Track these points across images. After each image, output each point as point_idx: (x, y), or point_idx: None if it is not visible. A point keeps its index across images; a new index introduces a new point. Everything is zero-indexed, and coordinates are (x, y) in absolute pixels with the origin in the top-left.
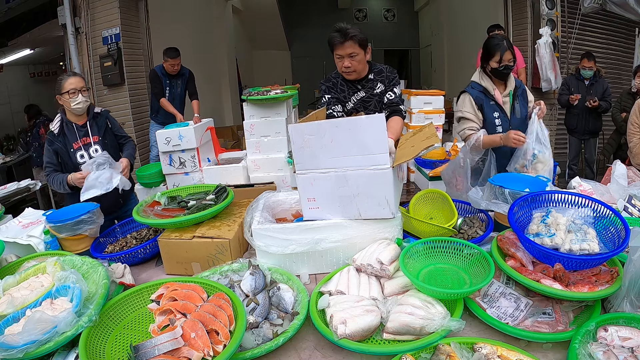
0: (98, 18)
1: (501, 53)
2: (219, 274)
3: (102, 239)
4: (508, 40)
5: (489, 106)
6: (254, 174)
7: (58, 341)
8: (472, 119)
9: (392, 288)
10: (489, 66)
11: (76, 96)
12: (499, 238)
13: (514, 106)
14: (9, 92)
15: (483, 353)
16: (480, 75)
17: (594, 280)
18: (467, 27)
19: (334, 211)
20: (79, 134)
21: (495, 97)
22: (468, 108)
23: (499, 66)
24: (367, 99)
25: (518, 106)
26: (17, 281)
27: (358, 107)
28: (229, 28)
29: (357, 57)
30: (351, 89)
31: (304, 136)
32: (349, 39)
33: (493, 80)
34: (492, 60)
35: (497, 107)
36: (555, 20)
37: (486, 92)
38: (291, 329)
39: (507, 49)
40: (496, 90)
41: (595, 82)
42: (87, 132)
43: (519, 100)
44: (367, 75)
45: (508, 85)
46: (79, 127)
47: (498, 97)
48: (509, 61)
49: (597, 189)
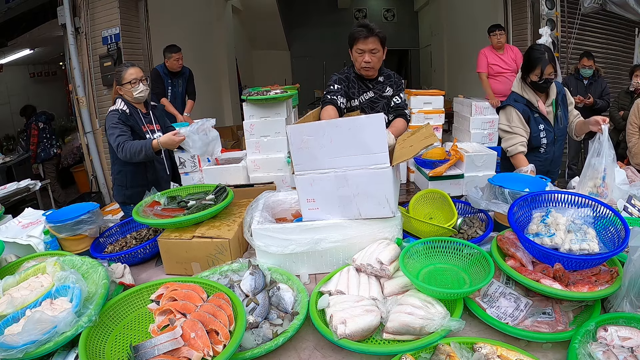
0: (98, 18)
1: (542, 67)
2: (219, 274)
3: (102, 239)
4: (550, 52)
5: (534, 119)
6: (254, 174)
7: (58, 341)
8: (522, 134)
9: (391, 288)
10: (529, 78)
11: (137, 85)
12: (498, 238)
13: (556, 115)
14: (9, 92)
15: (483, 353)
16: (522, 86)
17: (593, 280)
18: (467, 27)
19: (334, 211)
20: (145, 120)
21: (539, 108)
22: (517, 123)
23: (539, 80)
24: (376, 100)
25: (561, 114)
26: (17, 281)
27: (364, 107)
28: (228, 28)
29: (377, 54)
30: (362, 88)
31: (302, 137)
32: (374, 35)
33: (535, 91)
34: (532, 73)
35: (541, 120)
36: (555, 20)
37: (529, 105)
38: (291, 329)
39: (548, 62)
40: (540, 102)
41: (594, 82)
42: (151, 120)
43: (561, 108)
44: (378, 77)
45: (550, 95)
46: (143, 114)
47: (542, 109)
48: (550, 75)
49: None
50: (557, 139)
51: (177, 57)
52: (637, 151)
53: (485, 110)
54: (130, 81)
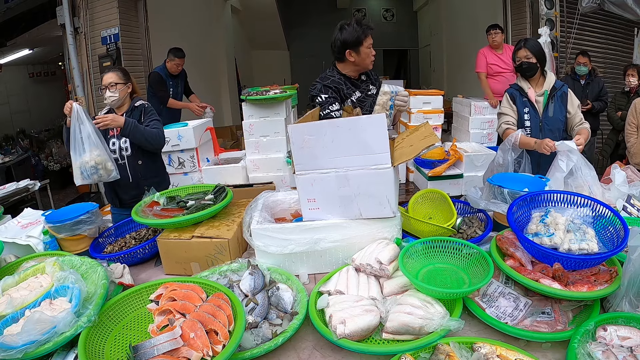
0: (97, 18)
1: (515, 51)
2: (218, 274)
3: (101, 239)
4: (531, 40)
5: (521, 102)
6: (253, 173)
7: (57, 341)
8: (508, 113)
9: (391, 288)
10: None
11: (105, 92)
12: (498, 238)
13: (547, 105)
14: (8, 92)
15: (482, 353)
16: (519, 77)
17: (593, 280)
18: (466, 27)
19: (335, 211)
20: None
21: (528, 94)
22: (504, 103)
23: (516, 64)
24: (362, 100)
25: (553, 106)
26: (16, 281)
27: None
28: (228, 28)
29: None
30: (349, 89)
31: (303, 136)
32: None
33: (529, 80)
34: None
35: (528, 104)
36: (554, 20)
37: (521, 90)
38: (290, 329)
39: (521, 47)
40: (530, 89)
41: (591, 82)
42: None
43: (555, 100)
44: (360, 76)
45: (544, 86)
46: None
47: (531, 95)
48: (525, 58)
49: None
50: (543, 127)
51: (178, 63)
52: (636, 151)
53: (485, 110)
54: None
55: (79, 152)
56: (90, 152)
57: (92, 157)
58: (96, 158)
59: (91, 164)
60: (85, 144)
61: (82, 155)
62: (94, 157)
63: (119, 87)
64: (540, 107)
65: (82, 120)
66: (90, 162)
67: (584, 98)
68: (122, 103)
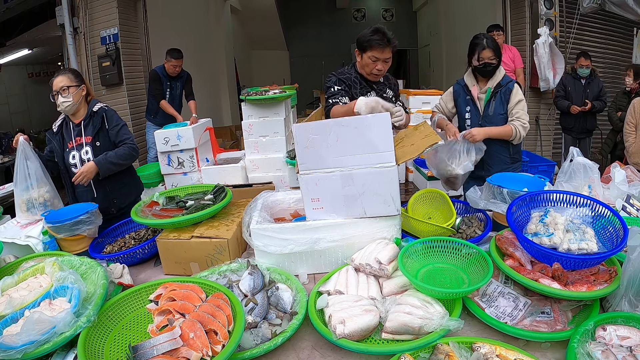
0: (96, 18)
1: (479, 51)
2: (218, 274)
3: (101, 239)
4: (491, 40)
5: (464, 100)
6: (253, 174)
7: (57, 342)
8: (440, 103)
9: (390, 288)
10: (471, 63)
11: (58, 98)
12: (497, 237)
13: (489, 102)
14: (7, 92)
15: (482, 352)
16: (468, 72)
17: (592, 280)
18: (466, 27)
19: (339, 211)
20: (74, 133)
21: (472, 92)
22: (444, 95)
23: (478, 64)
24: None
25: (494, 104)
26: (16, 282)
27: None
28: (227, 28)
29: (389, 63)
30: (364, 88)
31: (308, 136)
32: (391, 46)
33: (476, 77)
34: (473, 58)
35: (470, 102)
36: (553, 20)
37: (465, 88)
38: (290, 329)
39: (485, 47)
40: (474, 87)
41: (592, 82)
42: (81, 132)
43: (496, 98)
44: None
45: (489, 83)
46: (75, 125)
47: (474, 93)
48: (489, 59)
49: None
50: (483, 125)
51: (175, 64)
52: (635, 150)
53: None
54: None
55: (26, 187)
56: (38, 189)
57: (41, 194)
58: (45, 195)
59: (40, 200)
60: (33, 180)
61: (30, 191)
62: (43, 194)
63: (71, 90)
64: (481, 104)
65: (29, 156)
66: (39, 198)
67: (585, 98)
68: (78, 108)
